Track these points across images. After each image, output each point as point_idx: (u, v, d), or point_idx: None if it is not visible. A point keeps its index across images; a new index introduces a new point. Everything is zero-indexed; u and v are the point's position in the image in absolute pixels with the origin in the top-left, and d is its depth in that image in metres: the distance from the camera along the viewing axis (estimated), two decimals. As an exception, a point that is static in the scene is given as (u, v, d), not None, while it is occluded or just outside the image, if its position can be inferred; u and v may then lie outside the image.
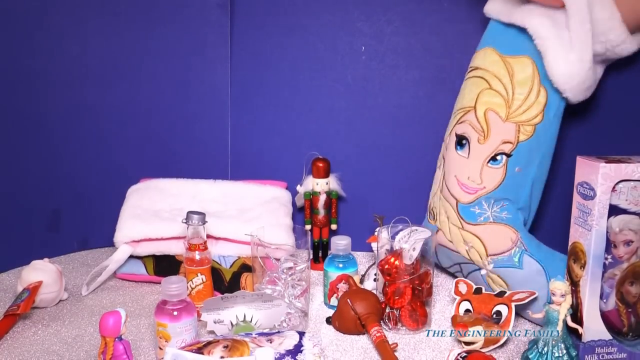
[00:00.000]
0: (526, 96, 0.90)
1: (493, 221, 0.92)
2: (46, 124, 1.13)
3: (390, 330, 0.89)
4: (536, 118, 0.90)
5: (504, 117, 0.91)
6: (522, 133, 0.90)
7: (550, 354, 0.75)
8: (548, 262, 0.88)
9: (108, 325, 0.70)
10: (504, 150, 0.91)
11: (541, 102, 0.89)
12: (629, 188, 0.75)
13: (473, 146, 0.94)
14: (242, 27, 1.15)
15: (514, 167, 0.91)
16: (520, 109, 0.90)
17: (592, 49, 0.85)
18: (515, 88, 0.90)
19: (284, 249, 0.91)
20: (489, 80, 0.93)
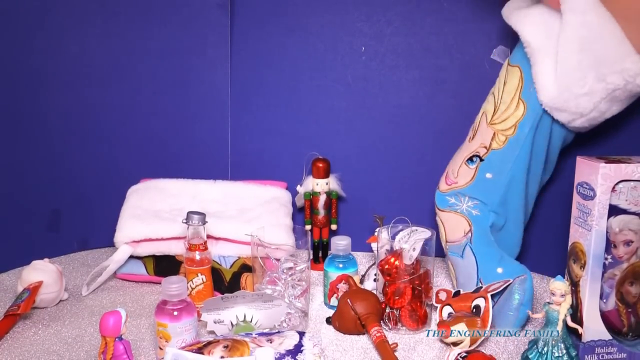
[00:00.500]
0: (507, 106, 0.91)
1: (456, 211, 0.95)
2: (46, 124, 1.13)
3: (390, 330, 0.89)
4: (509, 130, 0.90)
5: (488, 122, 0.93)
6: (495, 141, 0.92)
7: (550, 353, 0.75)
8: (484, 258, 0.91)
9: (108, 325, 0.70)
10: (479, 153, 0.94)
11: (517, 115, 0.90)
12: (629, 188, 0.75)
13: (464, 144, 0.98)
14: (242, 27, 1.15)
15: (484, 172, 0.93)
16: (500, 117, 0.91)
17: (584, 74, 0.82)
18: (503, 96, 0.92)
19: (284, 249, 0.91)
20: (495, 85, 0.95)
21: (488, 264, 0.91)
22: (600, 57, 0.81)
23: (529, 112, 0.89)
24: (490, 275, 0.89)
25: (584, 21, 0.81)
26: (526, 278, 0.86)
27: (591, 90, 0.83)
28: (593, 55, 0.81)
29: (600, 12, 0.80)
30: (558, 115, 0.87)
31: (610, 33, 0.80)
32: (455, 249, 0.94)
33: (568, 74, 0.83)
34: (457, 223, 0.95)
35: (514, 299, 0.84)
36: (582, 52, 0.82)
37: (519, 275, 0.86)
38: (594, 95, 0.83)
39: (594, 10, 0.80)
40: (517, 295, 0.84)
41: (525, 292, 0.85)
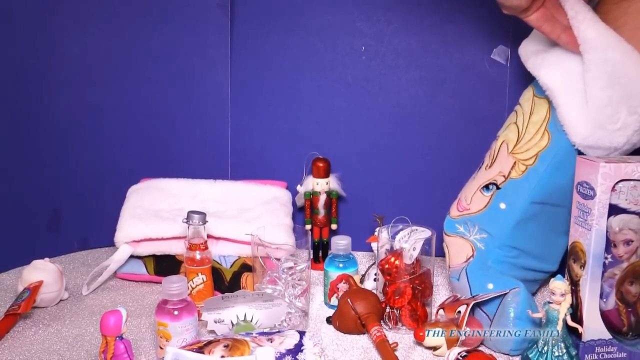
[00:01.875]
0: (532, 136, 0.90)
1: (462, 237, 0.93)
2: (46, 124, 1.13)
3: (390, 329, 0.89)
4: (530, 160, 0.89)
5: (509, 151, 0.91)
6: (515, 170, 0.90)
7: (550, 353, 0.75)
8: (476, 279, 0.89)
9: (109, 324, 0.70)
10: (496, 181, 0.92)
11: (540, 145, 0.89)
12: (629, 187, 0.75)
13: (481, 170, 0.96)
14: (242, 27, 1.15)
15: (499, 201, 0.91)
16: (524, 147, 0.90)
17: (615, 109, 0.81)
18: (528, 127, 0.90)
19: (285, 248, 0.91)
20: (518, 115, 0.93)
21: (479, 282, 0.88)
22: (630, 90, 0.81)
23: (552, 144, 0.88)
24: (481, 292, 0.87)
25: (606, 58, 0.80)
26: (519, 291, 0.82)
27: (624, 125, 0.82)
28: (622, 89, 0.81)
29: (622, 47, 0.80)
30: (592, 152, 0.86)
31: (635, 65, 0.80)
32: (455, 273, 0.92)
33: (600, 112, 0.82)
34: (461, 248, 0.92)
35: (509, 312, 0.81)
36: (610, 88, 0.81)
37: (511, 289, 0.83)
38: (627, 129, 0.83)
39: (615, 45, 0.80)
40: (512, 309, 0.81)
41: (518, 305, 0.81)
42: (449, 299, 0.87)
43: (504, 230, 0.89)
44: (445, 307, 0.84)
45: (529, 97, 0.93)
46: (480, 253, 0.90)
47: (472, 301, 0.82)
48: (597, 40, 0.81)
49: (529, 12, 0.82)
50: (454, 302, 0.85)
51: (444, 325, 0.81)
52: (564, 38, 0.83)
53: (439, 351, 0.81)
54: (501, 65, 1.07)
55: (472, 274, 0.90)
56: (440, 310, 0.85)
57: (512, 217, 0.89)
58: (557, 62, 0.86)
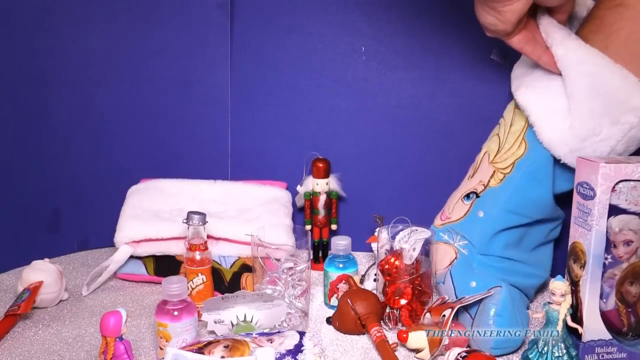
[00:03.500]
0: (511, 145, 0.91)
1: (446, 242, 0.93)
2: (46, 124, 1.13)
3: (390, 330, 0.89)
4: (507, 168, 0.90)
5: (490, 160, 0.93)
6: (494, 178, 0.91)
7: (550, 353, 0.75)
8: (460, 278, 0.89)
9: (109, 325, 0.70)
10: (476, 190, 0.93)
11: (517, 154, 0.89)
12: (629, 188, 0.75)
13: (463, 181, 0.97)
14: (242, 27, 1.15)
15: (477, 209, 0.91)
16: (503, 157, 0.91)
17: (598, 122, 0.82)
18: (508, 137, 0.92)
19: (284, 249, 0.91)
20: (500, 126, 0.95)
21: (462, 281, 0.89)
22: (610, 101, 0.81)
23: (528, 153, 0.88)
24: (465, 292, 0.87)
25: (581, 72, 0.81)
26: (500, 289, 0.82)
27: (607, 136, 0.83)
28: (603, 101, 0.81)
29: (595, 60, 0.81)
30: (566, 159, 0.86)
31: (611, 75, 0.80)
32: (440, 277, 0.93)
33: (583, 126, 0.83)
34: (445, 252, 0.93)
35: (490, 309, 0.81)
36: (591, 101, 0.81)
37: (493, 287, 0.83)
38: (610, 140, 0.83)
39: (588, 59, 0.82)
40: (492, 306, 0.81)
41: (499, 303, 0.81)
42: (437, 302, 0.86)
43: (483, 237, 0.90)
44: (432, 310, 0.84)
45: (510, 109, 0.95)
46: (463, 256, 0.91)
47: (458, 304, 0.82)
48: (568, 56, 0.82)
49: (512, 35, 0.83)
50: (440, 304, 0.85)
51: (428, 327, 0.81)
52: (544, 59, 0.85)
53: (420, 354, 0.80)
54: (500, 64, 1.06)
55: (456, 274, 0.90)
56: (427, 314, 0.85)
57: (489, 225, 0.89)
58: (532, 82, 0.88)
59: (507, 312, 0.80)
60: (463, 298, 0.84)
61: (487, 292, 0.82)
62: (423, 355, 0.80)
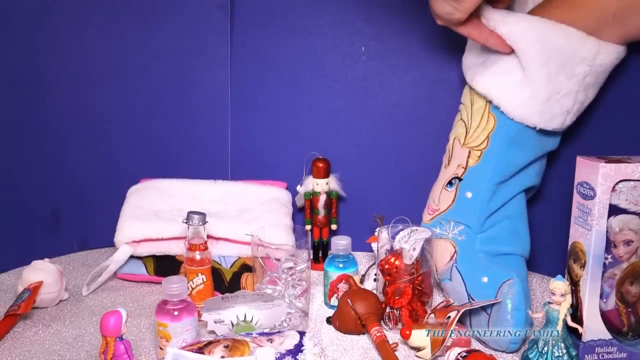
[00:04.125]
0: (478, 123, 0.92)
1: (441, 238, 0.93)
2: (46, 124, 1.13)
3: (390, 330, 0.89)
4: (482, 144, 0.91)
5: (462, 144, 0.94)
6: (471, 158, 0.92)
7: (550, 353, 0.75)
8: (469, 273, 0.89)
9: (109, 325, 0.70)
10: (457, 174, 0.94)
11: (488, 128, 0.91)
12: (629, 188, 0.75)
13: (441, 172, 0.98)
14: (242, 27, 1.15)
15: (464, 191, 0.92)
16: (474, 136, 0.93)
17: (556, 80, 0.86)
18: (473, 116, 0.93)
19: (284, 249, 0.91)
20: (462, 111, 0.97)
21: (473, 277, 0.88)
22: (561, 59, 0.85)
23: (499, 124, 0.90)
24: (477, 288, 0.86)
25: (529, 40, 0.85)
26: (514, 282, 0.82)
27: (567, 90, 0.87)
28: (554, 61, 0.85)
29: (537, 25, 0.85)
30: (551, 124, 0.89)
31: (556, 35, 0.84)
32: (444, 274, 0.92)
33: (544, 90, 0.86)
34: (443, 248, 0.93)
35: (507, 304, 0.81)
36: (545, 64, 0.85)
37: (505, 280, 0.83)
38: (571, 92, 0.87)
39: (531, 26, 0.85)
40: (509, 301, 0.81)
41: (515, 296, 0.81)
42: (441, 304, 0.86)
43: (477, 216, 0.91)
44: (436, 312, 0.84)
45: (467, 92, 0.96)
46: (462, 245, 0.91)
47: (464, 308, 0.82)
48: (512, 31, 0.85)
49: (463, 23, 0.85)
50: (445, 307, 0.85)
51: (431, 327, 0.81)
52: (491, 41, 0.87)
53: (421, 352, 0.80)
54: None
55: (464, 269, 0.89)
56: (431, 315, 0.85)
57: (480, 202, 0.91)
58: (485, 68, 0.91)
59: (522, 305, 0.81)
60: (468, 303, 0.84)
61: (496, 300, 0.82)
62: (424, 354, 0.80)
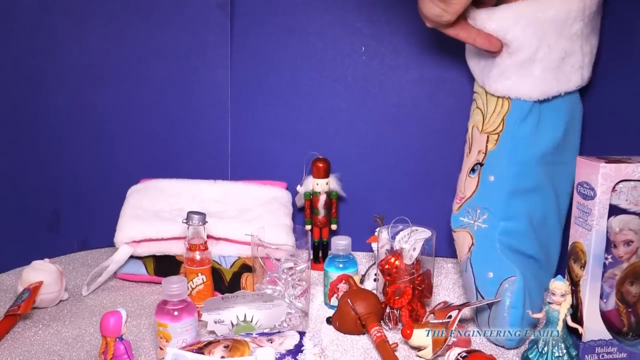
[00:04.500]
0: (494, 108, 0.93)
1: (465, 228, 0.94)
2: (46, 124, 1.13)
3: (390, 330, 0.89)
4: (498, 127, 0.91)
5: (480, 130, 0.94)
6: (490, 142, 0.92)
7: (551, 353, 0.75)
8: (478, 266, 0.89)
9: (109, 325, 0.70)
10: (479, 159, 0.94)
11: (502, 112, 0.91)
12: (629, 188, 0.75)
13: (464, 161, 0.98)
14: (242, 27, 1.15)
15: (486, 175, 0.92)
16: (490, 121, 0.93)
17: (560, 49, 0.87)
18: (489, 102, 0.93)
19: (284, 249, 0.91)
20: (477, 100, 0.97)
21: (481, 271, 0.89)
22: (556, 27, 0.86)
23: (513, 106, 0.90)
24: (483, 283, 0.87)
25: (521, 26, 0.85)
26: (515, 279, 0.82)
27: (572, 50, 0.88)
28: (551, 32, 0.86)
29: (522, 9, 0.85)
30: (572, 85, 0.90)
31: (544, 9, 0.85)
32: (463, 265, 0.93)
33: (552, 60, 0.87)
34: (463, 239, 0.93)
35: (505, 301, 0.82)
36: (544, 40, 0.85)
37: (507, 277, 0.83)
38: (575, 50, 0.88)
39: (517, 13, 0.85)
40: (507, 298, 0.82)
41: (513, 294, 0.81)
42: (439, 305, 0.86)
43: (500, 200, 0.90)
44: (435, 312, 0.84)
45: (479, 85, 0.97)
46: (482, 235, 0.91)
47: (464, 307, 0.82)
48: (502, 26, 0.85)
49: (451, 25, 0.85)
50: (444, 308, 0.85)
51: (432, 326, 0.81)
52: (479, 40, 0.87)
53: (422, 352, 0.80)
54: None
55: (476, 263, 0.90)
56: (430, 315, 0.85)
57: (503, 185, 0.90)
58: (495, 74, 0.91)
59: (520, 303, 0.82)
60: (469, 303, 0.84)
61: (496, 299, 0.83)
62: (425, 353, 0.80)
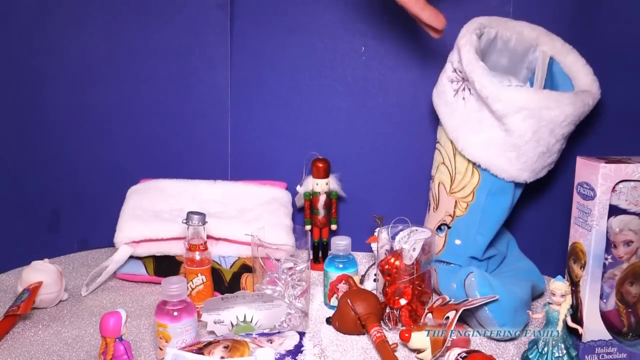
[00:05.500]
0: (462, 175, 0.94)
1: None
2: (46, 124, 1.13)
3: (390, 330, 0.89)
4: (468, 197, 0.94)
5: (448, 191, 0.96)
6: (458, 208, 0.95)
7: (551, 354, 0.75)
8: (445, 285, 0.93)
9: (108, 325, 0.70)
10: (446, 221, 0.97)
11: (473, 183, 0.94)
12: (629, 188, 0.75)
13: (430, 214, 1.01)
14: (242, 27, 1.15)
15: (453, 238, 0.96)
16: (459, 186, 0.95)
17: (540, 146, 0.89)
18: (457, 166, 0.95)
19: (284, 249, 0.91)
20: (443, 155, 0.98)
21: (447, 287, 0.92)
22: (551, 126, 0.87)
23: (484, 179, 0.93)
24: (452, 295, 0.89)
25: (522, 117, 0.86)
26: (473, 274, 0.86)
27: (555, 149, 0.91)
28: (545, 129, 0.87)
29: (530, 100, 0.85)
30: (539, 175, 0.93)
31: (549, 106, 0.86)
32: None
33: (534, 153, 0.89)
34: None
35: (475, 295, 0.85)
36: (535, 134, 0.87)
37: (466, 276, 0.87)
38: (556, 149, 0.91)
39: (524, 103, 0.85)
40: (477, 293, 0.84)
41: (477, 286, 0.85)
42: (437, 301, 0.86)
43: (467, 261, 0.95)
44: (434, 310, 0.84)
45: (445, 138, 0.97)
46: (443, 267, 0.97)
47: (462, 307, 0.82)
48: (505, 108, 0.86)
49: None
50: (442, 305, 0.85)
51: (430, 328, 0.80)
52: (425, 13, 0.88)
53: (422, 354, 0.80)
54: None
55: (441, 283, 0.95)
56: (428, 314, 0.85)
57: (470, 249, 0.95)
58: (468, 135, 0.92)
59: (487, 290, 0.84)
60: (467, 301, 0.84)
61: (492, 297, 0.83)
62: (424, 355, 0.80)
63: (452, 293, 0.89)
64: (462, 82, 0.92)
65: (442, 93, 0.97)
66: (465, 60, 0.89)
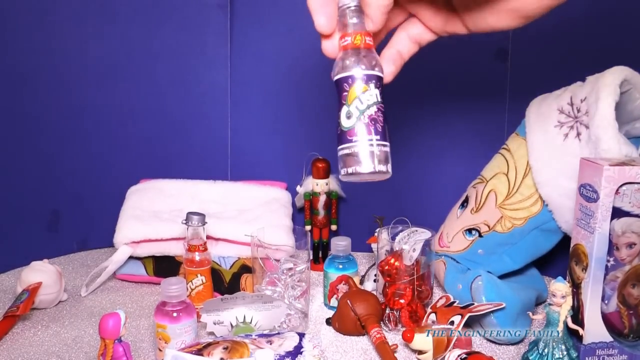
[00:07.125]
0: (525, 198, 0.91)
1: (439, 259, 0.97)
2: (46, 124, 1.13)
3: (390, 331, 0.89)
4: (519, 220, 0.91)
5: (498, 203, 0.93)
6: (501, 225, 0.92)
7: (551, 355, 0.75)
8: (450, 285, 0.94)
9: (107, 327, 0.69)
10: (480, 228, 0.94)
11: (532, 211, 0.91)
12: (633, 191, 0.74)
13: (466, 212, 0.97)
14: (242, 27, 1.15)
15: (478, 247, 0.94)
16: (514, 206, 0.92)
17: None
18: (521, 187, 0.92)
19: (284, 249, 0.90)
20: (509, 167, 0.94)
21: (452, 287, 0.92)
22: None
23: (544, 212, 0.90)
24: (456, 295, 0.89)
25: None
26: (480, 277, 0.86)
27: None
28: None
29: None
30: None
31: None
32: None
33: None
34: (438, 268, 0.98)
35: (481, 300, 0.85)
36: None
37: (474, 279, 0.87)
38: None
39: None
40: (483, 297, 0.84)
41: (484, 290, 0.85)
42: (440, 300, 0.86)
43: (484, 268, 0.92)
44: (437, 311, 0.84)
45: (523, 154, 0.92)
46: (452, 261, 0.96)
47: (467, 312, 0.81)
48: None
49: None
50: (446, 306, 0.84)
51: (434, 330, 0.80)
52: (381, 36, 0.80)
53: (423, 356, 0.80)
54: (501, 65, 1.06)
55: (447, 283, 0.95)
56: (431, 315, 0.84)
57: (488, 265, 0.93)
58: (563, 185, 0.87)
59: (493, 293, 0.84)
60: (472, 306, 0.84)
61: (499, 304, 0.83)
62: (426, 357, 0.79)
63: (456, 293, 0.89)
64: (574, 121, 0.86)
65: (546, 118, 0.89)
66: (599, 114, 0.81)
